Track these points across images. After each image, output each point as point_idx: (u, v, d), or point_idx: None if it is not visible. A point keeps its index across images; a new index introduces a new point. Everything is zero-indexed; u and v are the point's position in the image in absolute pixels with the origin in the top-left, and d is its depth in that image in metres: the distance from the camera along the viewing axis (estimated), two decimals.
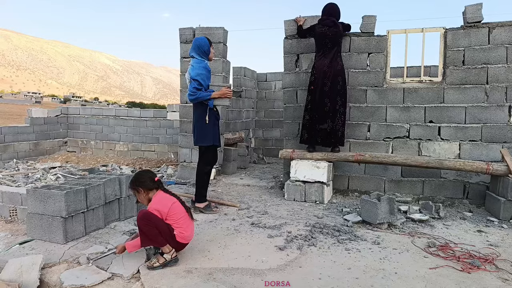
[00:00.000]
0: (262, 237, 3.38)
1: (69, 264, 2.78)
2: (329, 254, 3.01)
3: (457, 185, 4.85)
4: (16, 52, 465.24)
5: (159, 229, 2.66)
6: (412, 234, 3.54)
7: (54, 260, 2.83)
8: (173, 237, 2.72)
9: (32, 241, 3.20)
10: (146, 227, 2.64)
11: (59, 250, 3.02)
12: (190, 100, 4.10)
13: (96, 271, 2.61)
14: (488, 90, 4.71)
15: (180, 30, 6.45)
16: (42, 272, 2.61)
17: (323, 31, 4.85)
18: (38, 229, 3.21)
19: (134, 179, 2.89)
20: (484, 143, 4.75)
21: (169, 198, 2.83)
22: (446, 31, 4.88)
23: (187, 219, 2.85)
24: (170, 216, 2.74)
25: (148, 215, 2.67)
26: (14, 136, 10.22)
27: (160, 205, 2.74)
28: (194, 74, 4.01)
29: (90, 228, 3.42)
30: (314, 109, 4.85)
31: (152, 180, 2.85)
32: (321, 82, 4.79)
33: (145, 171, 2.99)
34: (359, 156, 4.80)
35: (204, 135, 4.13)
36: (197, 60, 4.12)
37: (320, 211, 4.36)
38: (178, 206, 2.81)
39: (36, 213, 3.20)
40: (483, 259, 2.96)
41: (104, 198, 3.59)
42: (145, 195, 2.83)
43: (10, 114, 33.63)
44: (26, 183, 6.29)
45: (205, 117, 4.07)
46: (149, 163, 10.73)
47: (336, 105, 4.80)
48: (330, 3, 5.00)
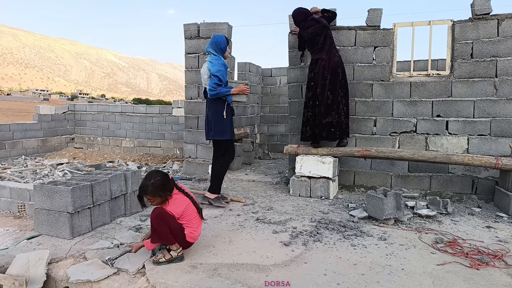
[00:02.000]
0: (267, 233, 3.37)
1: (76, 259, 2.80)
2: (334, 250, 2.99)
3: (466, 180, 4.80)
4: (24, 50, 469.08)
5: (171, 228, 2.65)
6: (419, 230, 3.50)
7: (60, 255, 2.85)
8: (183, 237, 2.71)
9: (39, 237, 3.23)
10: (159, 226, 2.62)
11: (65, 245, 3.04)
12: (210, 95, 4.16)
13: (102, 266, 2.61)
14: (497, 83, 4.63)
15: (185, 26, 6.43)
16: (49, 267, 2.63)
17: (310, 32, 4.83)
18: (45, 225, 3.23)
19: (160, 186, 2.63)
20: (493, 138, 4.68)
21: (184, 200, 2.75)
22: (454, 24, 4.81)
23: (198, 219, 2.83)
24: (183, 217, 2.72)
25: (162, 214, 2.64)
26: (22, 133, 10.32)
27: (175, 206, 2.68)
28: (214, 70, 4.08)
29: (96, 223, 3.44)
30: (316, 105, 4.80)
31: (172, 181, 2.75)
32: (321, 76, 4.74)
33: (161, 174, 2.71)
34: (365, 151, 4.76)
35: (223, 129, 4.23)
36: (215, 57, 4.19)
37: (326, 206, 4.34)
38: (191, 207, 2.77)
39: (43, 208, 3.23)
40: (492, 255, 2.91)
41: (110, 194, 3.60)
42: (166, 198, 2.69)
43: (19, 111, 33.96)
44: (34, 179, 6.34)
45: (223, 112, 4.18)
46: (155, 159, 10.78)
47: (338, 97, 4.76)
48: (294, 11, 5.02)
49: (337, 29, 5.17)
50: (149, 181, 2.62)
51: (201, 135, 6.46)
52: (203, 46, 6.34)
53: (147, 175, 2.70)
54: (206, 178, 5.92)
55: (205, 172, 6.31)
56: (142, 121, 11.68)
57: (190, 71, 6.48)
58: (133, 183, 3.92)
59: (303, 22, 4.92)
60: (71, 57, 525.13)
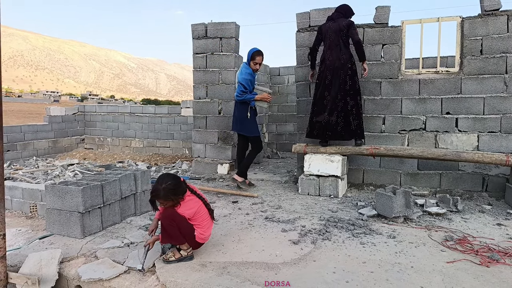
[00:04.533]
0: (276, 231, 3.38)
1: (87, 258, 2.84)
2: (343, 248, 2.98)
3: (476, 178, 4.75)
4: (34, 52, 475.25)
5: (181, 229, 2.67)
6: (428, 228, 3.48)
7: (72, 254, 2.90)
8: (193, 237, 2.73)
9: (51, 236, 3.29)
10: (169, 227, 2.65)
11: (77, 245, 3.09)
12: (237, 100, 4.99)
13: (112, 265, 2.65)
14: (507, 79, 4.58)
15: (192, 26, 6.46)
16: (61, 266, 2.68)
17: (327, 26, 4.79)
18: (56, 224, 3.29)
19: (172, 190, 2.62)
20: (504, 135, 4.62)
21: (196, 202, 2.75)
22: (463, 20, 4.76)
23: (209, 221, 2.83)
24: (195, 218, 2.73)
25: (173, 215, 2.66)
26: (33, 134, 10.47)
27: (187, 208, 2.68)
28: (240, 79, 4.91)
29: (107, 223, 3.49)
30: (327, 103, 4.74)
31: (184, 183, 2.73)
32: (332, 74, 4.70)
33: (172, 178, 2.68)
34: (374, 149, 4.74)
35: (250, 127, 5.04)
36: (245, 65, 4.99)
37: (335, 205, 4.33)
38: (203, 209, 2.77)
39: (54, 208, 3.29)
40: (502, 252, 2.89)
41: (120, 194, 3.64)
42: (178, 201, 2.69)
43: (30, 113, 34.46)
44: (46, 179, 6.44)
45: (246, 113, 4.98)
46: (164, 159, 10.85)
47: (348, 96, 4.72)
48: (342, 4, 4.92)
49: None
50: (161, 186, 2.61)
51: (210, 134, 6.50)
52: (210, 46, 6.37)
53: (158, 179, 2.68)
54: (214, 178, 5.96)
55: (214, 172, 6.34)
56: (151, 121, 11.76)
57: (198, 71, 6.51)
58: (142, 182, 3.96)
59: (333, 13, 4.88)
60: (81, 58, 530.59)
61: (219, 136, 6.44)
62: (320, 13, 5.29)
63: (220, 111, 6.43)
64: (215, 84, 6.42)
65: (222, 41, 6.30)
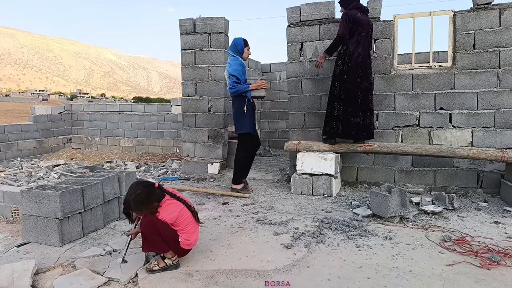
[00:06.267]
0: (268, 235, 3.23)
1: (64, 268, 2.65)
2: (338, 252, 2.84)
3: (471, 174, 4.66)
4: (22, 50, 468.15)
5: (164, 236, 2.49)
6: (425, 228, 3.37)
7: (48, 264, 2.71)
8: (177, 244, 2.55)
9: (28, 244, 3.08)
10: (150, 234, 2.48)
11: (54, 254, 2.89)
12: (231, 93, 4.63)
13: (91, 276, 2.47)
14: (500, 74, 4.49)
15: (180, 22, 6.26)
16: (35, 278, 2.49)
17: (361, 18, 4.47)
18: (33, 232, 3.08)
19: (142, 201, 2.43)
20: (498, 130, 4.54)
21: (177, 206, 2.56)
22: (455, 14, 4.65)
23: (194, 224, 2.65)
24: (177, 223, 2.54)
25: (152, 222, 2.47)
26: (18, 135, 10.18)
27: (167, 213, 2.50)
28: (231, 70, 4.54)
29: (88, 229, 3.30)
30: (349, 100, 4.51)
31: (158, 188, 2.52)
32: (357, 70, 4.49)
33: (143, 186, 2.48)
34: (367, 146, 4.62)
35: (242, 123, 4.65)
36: (232, 58, 4.65)
37: (328, 204, 4.20)
38: (185, 213, 2.59)
39: (31, 214, 3.08)
40: (502, 253, 2.79)
41: (102, 197, 3.45)
42: (154, 208, 2.50)
43: (18, 112, 33.85)
44: (29, 182, 6.21)
45: (244, 107, 4.59)
46: (154, 158, 10.64)
47: (369, 95, 4.62)
48: None
49: (336, 22, 5.01)
50: (130, 197, 2.44)
51: (200, 133, 6.32)
52: (199, 42, 6.18)
53: (129, 188, 2.51)
54: (205, 178, 5.79)
55: (204, 171, 6.17)
56: (141, 119, 11.53)
57: (187, 67, 6.32)
58: (127, 185, 3.76)
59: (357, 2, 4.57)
60: (70, 56, 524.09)
61: (209, 134, 6.26)
62: (311, 7, 5.14)
63: (210, 108, 6.25)
64: (204, 81, 6.23)
65: (211, 37, 6.11)
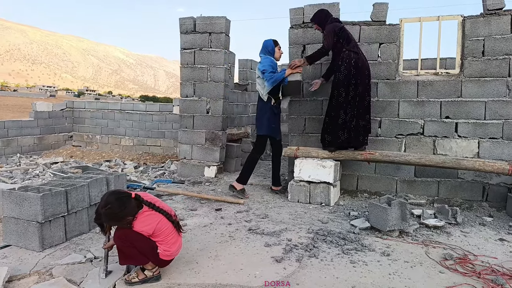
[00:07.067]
0: (259, 246, 3.07)
1: (40, 276, 2.52)
2: (331, 268, 2.68)
3: (476, 187, 4.48)
4: (31, 46, 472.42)
5: (140, 248, 2.34)
6: (426, 243, 3.20)
7: (24, 271, 2.57)
8: (155, 255, 2.39)
9: (7, 248, 2.95)
10: (124, 247, 2.34)
11: (32, 259, 2.76)
12: (271, 84, 4.54)
13: (66, 286, 2.33)
14: (510, 83, 4.32)
15: (180, 20, 6.13)
16: (8, 286, 2.35)
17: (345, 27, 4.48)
18: (14, 235, 2.96)
19: (114, 214, 2.26)
20: (506, 141, 4.36)
21: (155, 217, 2.37)
22: (464, 19, 4.48)
23: (174, 235, 2.47)
24: (155, 235, 2.38)
25: (126, 234, 2.32)
26: (18, 130, 10.11)
27: (144, 225, 2.33)
28: (261, 66, 4.60)
29: (72, 233, 3.16)
30: (356, 106, 4.35)
31: (134, 199, 2.34)
32: (362, 74, 4.35)
33: (115, 199, 2.29)
34: (368, 154, 4.44)
35: (261, 124, 4.76)
36: (263, 57, 4.69)
37: (326, 214, 4.03)
38: (164, 224, 2.41)
39: (12, 217, 2.95)
40: (507, 275, 2.61)
41: (88, 200, 3.32)
42: (127, 222, 2.32)
43: (25, 108, 33.98)
44: (24, 179, 6.11)
45: (265, 109, 4.67)
46: (154, 159, 10.53)
47: (370, 99, 4.49)
48: (317, 12, 4.60)
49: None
50: (101, 209, 2.27)
51: (197, 135, 6.18)
52: (199, 41, 6.05)
53: (101, 198, 2.33)
54: (201, 181, 5.64)
55: (200, 175, 6.02)
56: (142, 119, 11.43)
57: (186, 67, 6.19)
58: (116, 187, 3.64)
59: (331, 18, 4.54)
60: (79, 53, 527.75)
61: (207, 136, 6.12)
62: (314, 8, 4.98)
63: (208, 110, 6.11)
64: (203, 81, 6.10)
65: (212, 37, 5.98)
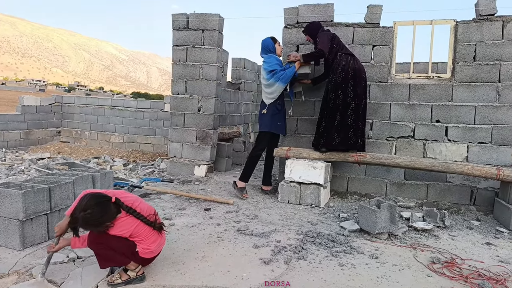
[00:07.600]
0: (247, 247, 3.03)
1: (20, 276, 2.44)
2: (319, 271, 2.66)
3: (464, 190, 4.51)
4: (21, 39, 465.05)
5: (118, 249, 2.27)
6: (414, 246, 3.19)
7: (3, 270, 2.49)
8: (135, 254, 2.32)
9: None
10: (100, 250, 2.27)
11: (12, 258, 2.68)
12: (284, 82, 4.48)
13: (47, 287, 2.26)
14: (500, 88, 4.35)
15: (173, 16, 6.06)
16: None
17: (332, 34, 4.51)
18: None
19: (92, 220, 2.15)
20: (494, 146, 4.40)
21: (132, 222, 2.27)
22: (457, 24, 4.51)
23: (154, 235, 2.38)
24: (133, 237, 2.30)
25: (99, 238, 2.24)
26: (4, 125, 9.92)
27: (120, 229, 2.24)
28: (268, 67, 4.53)
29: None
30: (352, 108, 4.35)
31: (114, 203, 2.23)
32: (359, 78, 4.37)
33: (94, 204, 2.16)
34: (359, 156, 4.44)
35: (261, 122, 4.71)
36: (266, 56, 4.63)
37: (315, 216, 4.01)
38: (141, 228, 2.31)
39: None
40: (493, 279, 2.62)
41: (73, 198, 3.23)
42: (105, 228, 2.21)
43: (13, 101, 33.42)
44: (8, 175, 5.98)
45: (263, 110, 4.64)
46: (144, 156, 10.42)
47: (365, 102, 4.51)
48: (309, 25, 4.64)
49: (334, 25, 4.85)
50: (79, 213, 2.16)
51: (188, 133, 6.12)
52: (192, 38, 5.98)
53: (80, 202, 2.19)
54: (190, 180, 5.58)
55: (191, 173, 5.96)
56: (133, 115, 11.30)
57: (178, 64, 6.11)
58: (103, 185, 3.57)
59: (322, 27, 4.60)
60: (70, 48, 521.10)
61: (198, 135, 6.06)
62: (309, 8, 4.97)
63: (199, 108, 6.05)
64: (195, 79, 6.03)
65: (205, 34, 5.91)
